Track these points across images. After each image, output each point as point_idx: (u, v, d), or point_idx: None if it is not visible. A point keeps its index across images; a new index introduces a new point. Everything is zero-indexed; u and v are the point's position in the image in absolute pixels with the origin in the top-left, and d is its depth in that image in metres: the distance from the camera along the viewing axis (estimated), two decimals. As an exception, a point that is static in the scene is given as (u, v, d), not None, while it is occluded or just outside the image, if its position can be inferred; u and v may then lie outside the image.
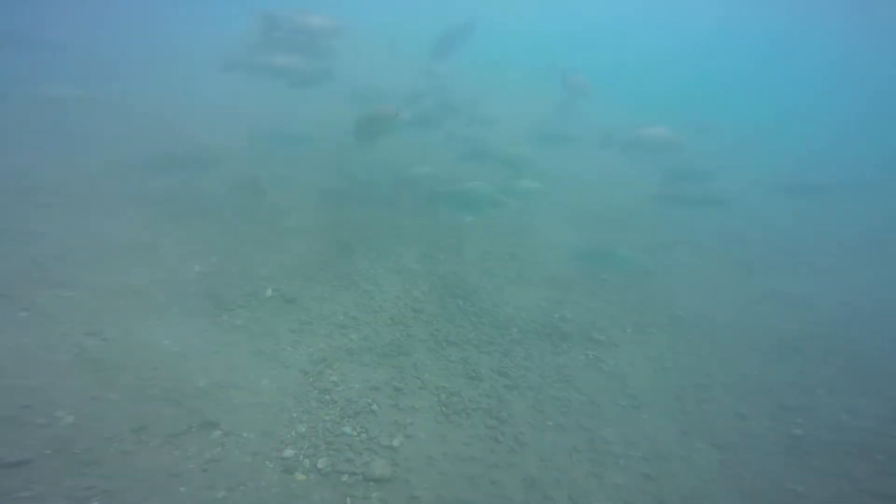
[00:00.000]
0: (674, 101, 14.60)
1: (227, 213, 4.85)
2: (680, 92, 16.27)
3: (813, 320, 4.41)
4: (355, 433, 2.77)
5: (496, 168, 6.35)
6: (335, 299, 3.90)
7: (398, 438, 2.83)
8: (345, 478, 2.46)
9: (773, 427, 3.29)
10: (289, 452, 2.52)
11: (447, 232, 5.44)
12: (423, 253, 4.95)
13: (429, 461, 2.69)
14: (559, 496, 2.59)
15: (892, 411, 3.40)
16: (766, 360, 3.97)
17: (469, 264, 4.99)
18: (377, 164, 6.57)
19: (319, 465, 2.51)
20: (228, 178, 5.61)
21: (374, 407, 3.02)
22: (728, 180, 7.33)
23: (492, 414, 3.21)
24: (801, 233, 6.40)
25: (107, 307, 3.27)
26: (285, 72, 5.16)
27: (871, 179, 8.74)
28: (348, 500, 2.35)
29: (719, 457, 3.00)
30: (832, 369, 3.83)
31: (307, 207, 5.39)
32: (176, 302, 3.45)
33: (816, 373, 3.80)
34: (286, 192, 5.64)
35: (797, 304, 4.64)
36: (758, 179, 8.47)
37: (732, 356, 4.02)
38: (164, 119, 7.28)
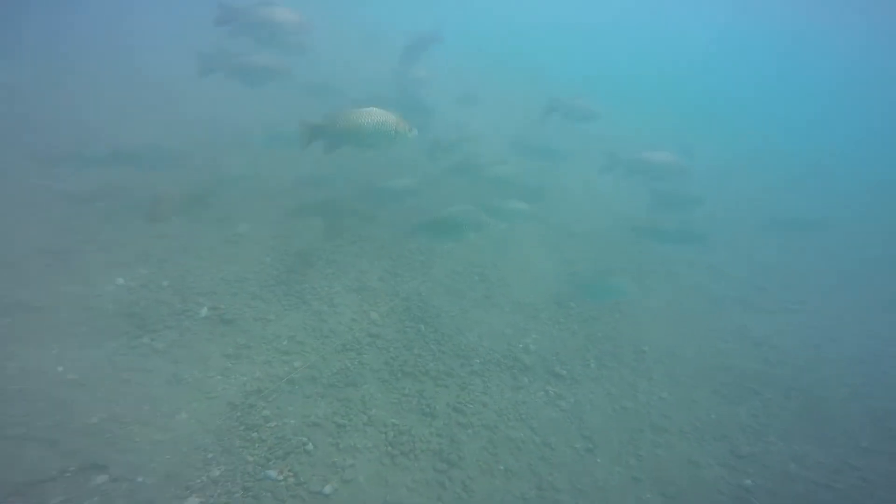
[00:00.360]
0: (674, 115, 14.83)
1: (168, 217, 4.54)
2: (682, 105, 16.54)
3: (775, 361, 4.52)
4: (281, 477, 2.61)
5: (481, 183, 6.27)
6: (282, 320, 3.71)
7: (332, 484, 2.69)
8: (259, 534, 2.32)
9: (725, 476, 3.33)
10: (193, 502, 2.33)
11: (416, 247, 5.30)
12: (387, 270, 4.80)
13: (364, 512, 2.58)
14: (499, 554, 2.52)
15: (838, 461, 3.50)
16: (725, 402, 4.03)
17: (435, 284, 4.88)
18: (347, 169, 6.36)
19: (230, 519, 2.34)
20: (177, 178, 5.29)
21: (310, 446, 2.87)
22: (713, 208, 7.48)
23: (442, 456, 3.13)
24: (778, 268, 6.58)
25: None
26: (240, 70, 4.86)
27: (859, 212, 9.04)
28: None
29: (667, 509, 3.00)
30: (787, 414, 3.92)
31: (265, 214, 5.14)
32: (85, 321, 3.16)
33: (772, 417, 3.88)
34: (243, 195, 5.37)
35: (762, 343, 4.75)
36: (745, 209, 8.70)
37: (692, 396, 4.07)
38: (110, 111, 6.83)
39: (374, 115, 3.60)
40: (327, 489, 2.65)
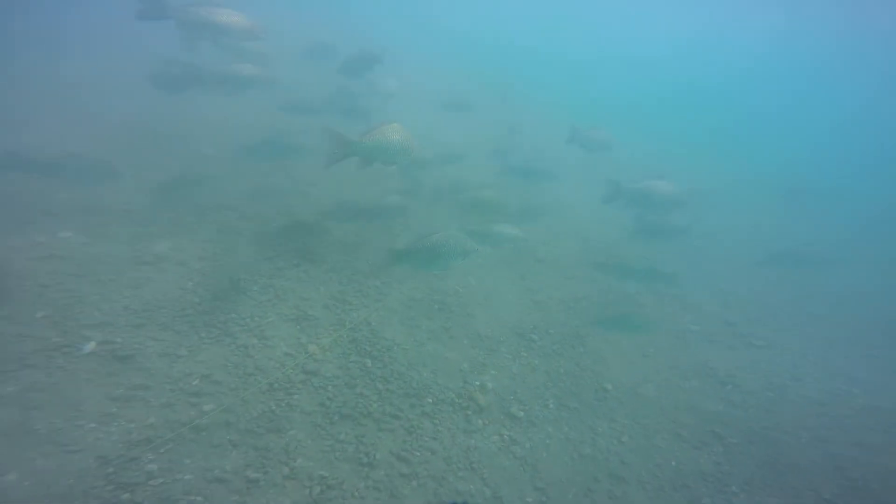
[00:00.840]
0: (673, 140, 15.26)
1: (68, 233, 4.11)
2: (682, 128, 17.10)
3: (739, 402, 4.51)
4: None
5: (465, 206, 6.18)
6: (196, 356, 3.36)
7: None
8: None
9: (684, 534, 3.19)
10: None
11: (371, 271, 5.09)
12: (334, 297, 4.55)
13: None
14: None
15: (799, 514, 3.44)
16: (687, 447, 3.94)
17: (389, 313, 4.66)
18: (305, 182, 6.16)
19: None
20: (85, 187, 4.91)
21: (207, 511, 2.52)
22: (698, 238, 7.61)
23: (375, 515, 2.84)
24: (751, 302, 6.71)
25: None
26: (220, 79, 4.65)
27: (844, 247, 9.23)
28: None
29: (620, 577, 2.81)
30: (750, 462, 3.86)
31: (196, 230, 4.80)
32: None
33: (734, 465, 3.81)
34: (173, 209, 5.02)
35: (726, 382, 4.74)
36: (735, 239, 8.95)
37: (653, 441, 3.96)
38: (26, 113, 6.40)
39: (401, 132, 3.92)
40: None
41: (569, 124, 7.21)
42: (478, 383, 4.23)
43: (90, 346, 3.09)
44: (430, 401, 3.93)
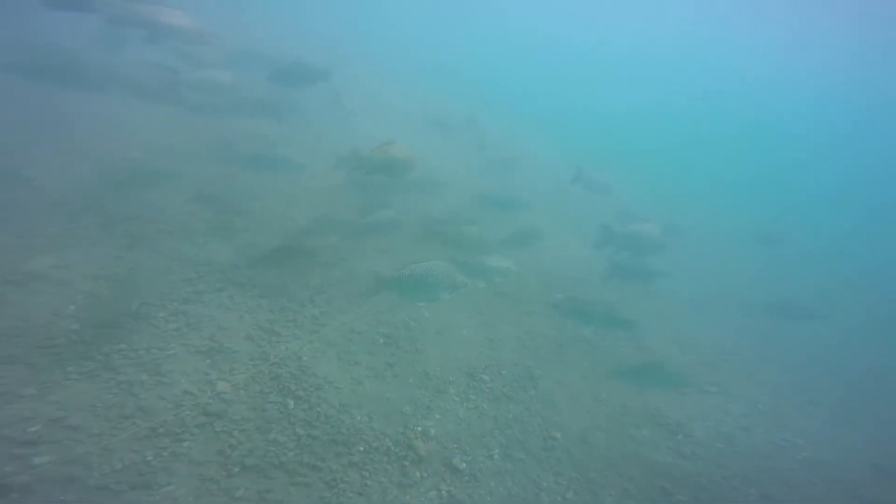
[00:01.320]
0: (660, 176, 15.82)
1: None
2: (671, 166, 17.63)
3: (688, 453, 4.43)
4: None
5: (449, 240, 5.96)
6: (47, 396, 2.78)
7: None
8: None
9: None
10: None
11: (310, 298, 4.71)
12: (261, 326, 4.12)
13: None
14: None
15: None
16: (636, 505, 3.74)
17: (325, 347, 4.28)
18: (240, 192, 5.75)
19: None
20: None
21: None
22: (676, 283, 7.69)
23: None
24: (706, 348, 6.87)
25: None
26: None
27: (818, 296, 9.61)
28: None
29: None
30: (698, 521, 3.71)
31: (95, 243, 4.24)
32: None
33: (683, 525, 3.65)
34: (67, 215, 4.43)
35: (676, 431, 4.68)
36: (708, 284, 9.25)
37: (600, 497, 3.74)
38: None
39: (405, 150, 4.45)
40: None
41: (575, 166, 7.70)
42: (420, 429, 3.89)
43: None
44: (362, 449, 3.53)
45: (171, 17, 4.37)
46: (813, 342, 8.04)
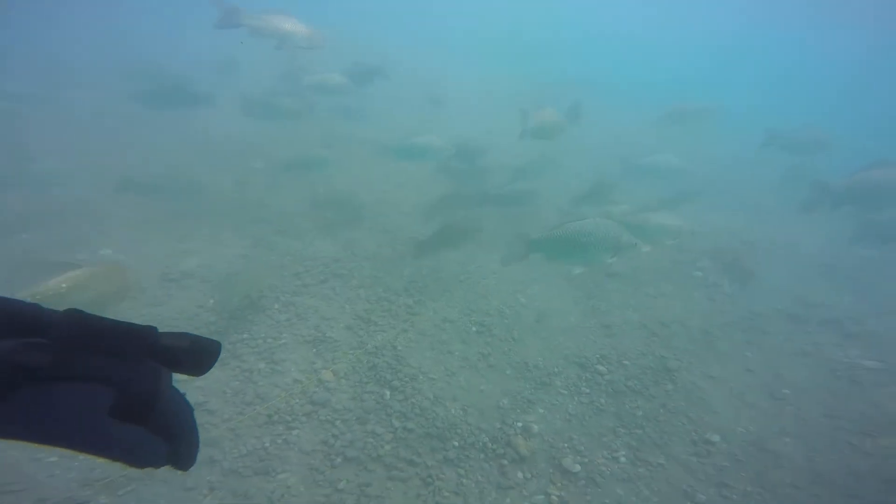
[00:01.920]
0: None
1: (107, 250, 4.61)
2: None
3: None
4: None
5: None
6: (194, 381, 3.39)
7: None
8: None
9: None
10: None
11: (404, 287, 4.81)
12: (359, 316, 4.36)
13: None
14: None
15: None
16: None
17: (419, 336, 4.27)
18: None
19: None
20: None
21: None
22: None
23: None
24: None
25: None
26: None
27: None
28: None
29: None
30: None
31: (230, 247, 5.07)
32: None
33: None
34: (210, 223, 5.44)
35: None
36: None
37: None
38: None
39: (556, 115, 5.52)
40: None
41: (764, 129, 7.04)
42: (520, 425, 3.48)
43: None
44: (457, 444, 3.33)
45: (291, 24, 5.19)
46: None
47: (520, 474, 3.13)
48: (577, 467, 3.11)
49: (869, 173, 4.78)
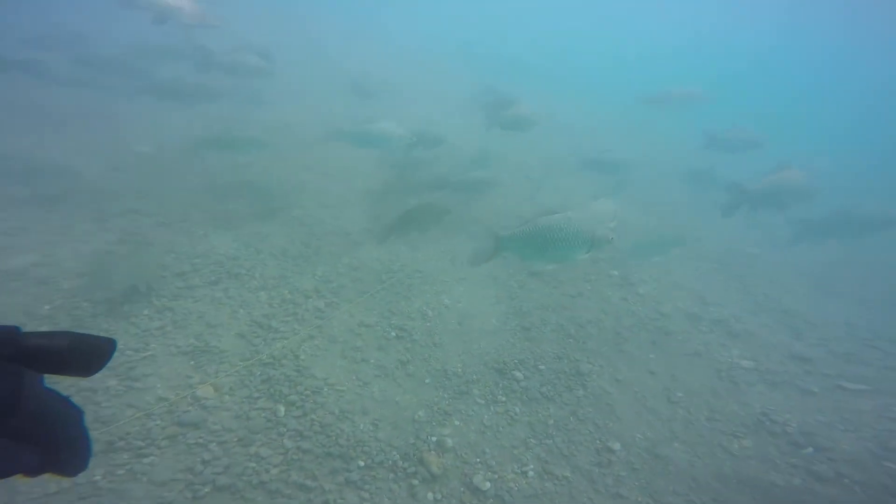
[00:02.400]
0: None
1: None
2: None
3: (828, 475, 3.20)
4: None
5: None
6: None
7: None
8: None
9: None
10: None
11: (314, 287, 4.33)
12: (256, 321, 3.81)
13: None
14: None
15: None
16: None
17: (328, 343, 3.85)
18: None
19: None
20: None
21: None
22: None
23: None
24: (822, 325, 5.28)
25: None
26: None
27: None
28: None
29: None
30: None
31: (89, 242, 4.24)
32: None
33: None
34: (66, 216, 4.49)
35: (803, 443, 3.44)
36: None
37: (686, 538, 2.77)
38: None
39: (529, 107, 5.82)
40: None
41: (702, 130, 7.42)
42: (434, 439, 3.27)
43: None
44: (362, 464, 3.02)
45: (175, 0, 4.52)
46: None
47: (430, 495, 2.93)
48: (487, 485, 2.99)
49: (779, 176, 5.29)
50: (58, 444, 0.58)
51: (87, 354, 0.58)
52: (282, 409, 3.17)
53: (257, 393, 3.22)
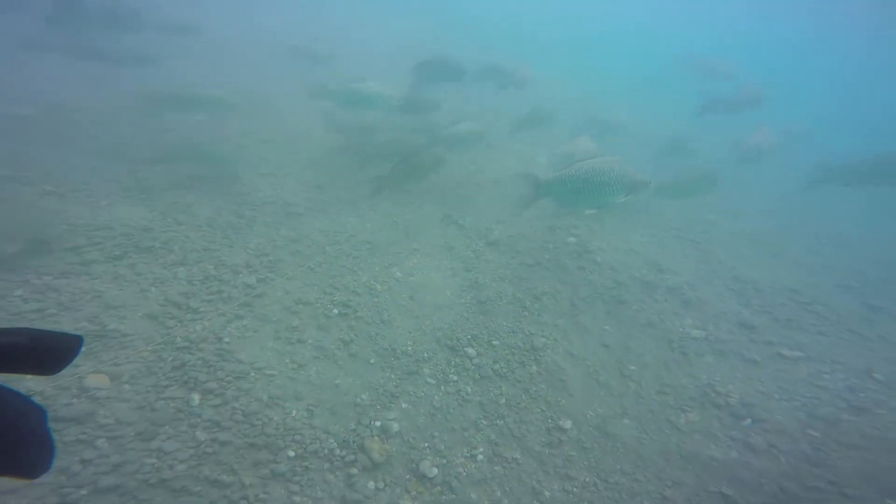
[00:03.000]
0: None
1: None
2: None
3: (761, 447, 3.28)
4: None
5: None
6: None
7: None
8: None
9: None
10: None
11: (258, 256, 3.85)
12: (172, 300, 3.31)
13: None
14: None
15: None
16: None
17: (258, 322, 3.44)
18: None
19: None
20: None
21: None
22: None
23: None
24: (771, 290, 5.48)
25: None
26: None
27: None
28: None
29: None
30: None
31: None
32: None
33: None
34: None
35: (742, 414, 3.51)
36: None
37: (634, 512, 2.73)
38: None
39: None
40: None
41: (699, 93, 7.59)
42: (378, 424, 3.02)
43: None
44: (293, 454, 2.72)
45: None
46: None
47: (371, 484, 2.70)
48: (435, 471, 2.79)
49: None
50: (18, 444, 0.57)
51: (49, 352, 0.58)
52: (196, 397, 2.77)
53: (167, 381, 2.79)
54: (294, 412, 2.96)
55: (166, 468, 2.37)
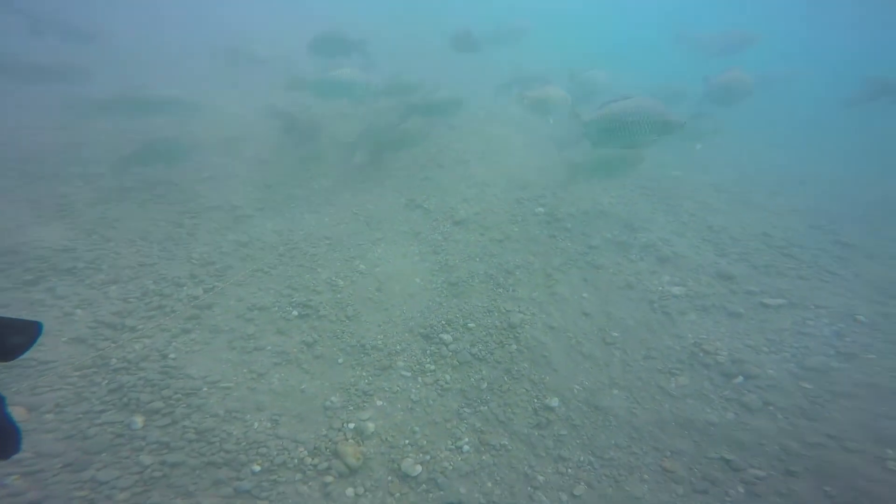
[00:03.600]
0: None
1: None
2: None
3: (756, 405, 3.27)
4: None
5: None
6: None
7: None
8: None
9: None
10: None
11: (204, 265, 3.59)
12: (104, 320, 3.02)
13: None
14: None
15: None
16: (685, 496, 2.66)
17: (208, 334, 3.20)
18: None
19: None
20: None
21: None
22: None
23: None
24: (753, 238, 5.55)
25: None
26: None
27: None
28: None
29: None
30: None
31: None
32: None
33: None
34: None
35: (733, 372, 3.51)
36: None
37: (626, 489, 2.66)
38: None
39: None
40: None
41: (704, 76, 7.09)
42: (352, 426, 2.85)
43: None
44: (258, 469, 2.51)
45: None
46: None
47: (350, 491, 2.52)
48: (418, 468, 2.64)
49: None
50: None
51: (6, 337, 0.60)
52: (139, 419, 2.53)
53: (101, 405, 2.53)
54: (256, 424, 2.75)
55: (102, 499, 2.13)
